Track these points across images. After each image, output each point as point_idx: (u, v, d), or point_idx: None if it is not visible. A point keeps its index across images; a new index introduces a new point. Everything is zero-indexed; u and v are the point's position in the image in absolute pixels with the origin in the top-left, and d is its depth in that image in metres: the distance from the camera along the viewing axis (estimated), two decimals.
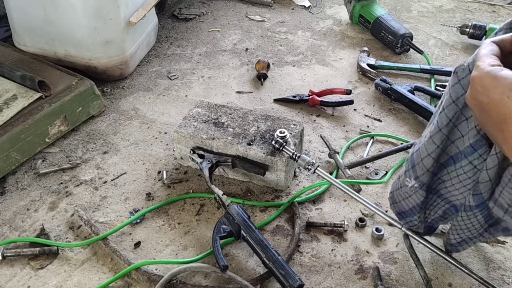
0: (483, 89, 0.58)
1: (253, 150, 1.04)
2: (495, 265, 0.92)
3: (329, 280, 0.90)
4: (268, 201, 1.06)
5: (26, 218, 1.03)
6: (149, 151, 1.20)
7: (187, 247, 0.97)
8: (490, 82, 0.58)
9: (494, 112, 0.58)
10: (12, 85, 1.20)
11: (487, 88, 0.58)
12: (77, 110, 1.23)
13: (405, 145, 1.16)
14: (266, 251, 0.86)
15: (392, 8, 1.80)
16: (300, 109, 1.33)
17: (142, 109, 1.34)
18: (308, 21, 1.75)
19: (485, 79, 0.59)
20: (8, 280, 0.91)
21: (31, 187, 1.10)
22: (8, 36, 1.49)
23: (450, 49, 1.58)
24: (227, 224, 0.93)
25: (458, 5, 1.83)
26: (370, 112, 1.32)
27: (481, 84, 0.59)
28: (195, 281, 0.90)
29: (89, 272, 0.92)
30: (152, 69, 1.50)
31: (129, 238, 0.99)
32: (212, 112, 1.14)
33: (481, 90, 0.59)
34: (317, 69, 1.50)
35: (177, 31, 1.68)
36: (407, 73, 1.46)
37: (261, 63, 1.45)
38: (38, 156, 1.17)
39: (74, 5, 1.27)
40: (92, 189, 1.10)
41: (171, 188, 1.09)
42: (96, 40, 1.32)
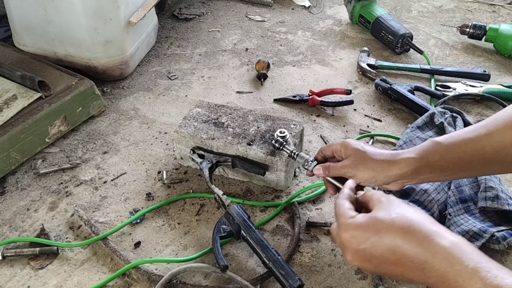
0: (358, 240, 0.62)
1: (253, 150, 1.04)
2: None
3: (329, 280, 0.90)
4: (268, 201, 1.06)
5: (26, 218, 1.03)
6: (149, 151, 1.20)
7: (187, 247, 0.97)
8: (360, 231, 0.62)
9: (380, 250, 0.60)
10: (12, 85, 1.20)
11: (361, 237, 0.61)
12: (77, 110, 1.23)
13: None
14: (266, 251, 0.86)
15: (392, 8, 1.80)
16: (300, 109, 1.33)
17: (142, 109, 1.34)
18: (308, 21, 1.75)
19: (354, 232, 0.62)
20: (8, 280, 0.91)
21: (31, 187, 1.10)
22: (8, 36, 1.49)
23: (450, 49, 1.58)
24: (227, 224, 0.93)
25: (458, 5, 1.83)
26: (370, 112, 1.32)
27: (354, 237, 0.62)
28: (195, 281, 0.90)
29: (89, 272, 0.92)
30: (152, 69, 1.50)
31: (129, 238, 0.99)
32: (212, 112, 1.14)
33: (357, 242, 0.62)
34: (317, 69, 1.50)
35: (177, 31, 1.68)
36: (407, 73, 1.46)
37: (261, 63, 1.45)
38: (38, 156, 1.17)
39: (74, 5, 1.27)
40: (92, 189, 1.10)
41: (171, 188, 1.09)
42: (96, 40, 1.32)
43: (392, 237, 0.59)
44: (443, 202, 1.00)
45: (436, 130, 1.15)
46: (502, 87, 1.35)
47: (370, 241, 0.60)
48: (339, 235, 0.64)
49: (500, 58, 1.53)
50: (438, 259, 0.55)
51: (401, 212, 0.61)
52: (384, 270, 0.61)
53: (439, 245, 0.56)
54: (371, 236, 0.60)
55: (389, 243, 0.59)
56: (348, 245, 0.63)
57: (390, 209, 0.62)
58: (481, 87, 1.35)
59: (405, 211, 0.61)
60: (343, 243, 0.63)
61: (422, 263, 0.57)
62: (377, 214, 0.62)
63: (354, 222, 0.63)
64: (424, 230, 0.58)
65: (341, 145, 0.87)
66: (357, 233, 0.62)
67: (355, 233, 0.62)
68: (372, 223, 0.61)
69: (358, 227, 0.62)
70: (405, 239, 0.58)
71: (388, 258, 0.59)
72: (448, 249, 0.55)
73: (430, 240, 0.57)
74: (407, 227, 0.58)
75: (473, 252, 0.55)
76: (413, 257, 0.57)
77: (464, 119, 1.16)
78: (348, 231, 0.63)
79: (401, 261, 0.58)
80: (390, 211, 0.61)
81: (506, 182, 1.07)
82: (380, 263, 0.61)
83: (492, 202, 0.96)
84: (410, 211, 0.61)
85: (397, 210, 0.61)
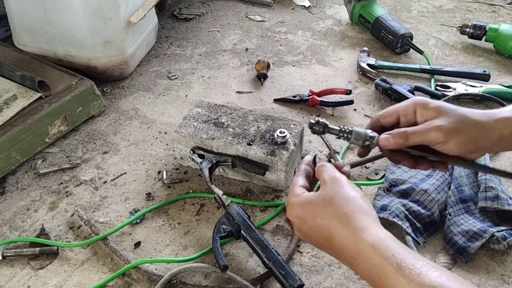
0: (300, 220, 0.62)
1: (253, 150, 1.04)
2: (495, 264, 0.92)
3: (329, 280, 0.90)
4: (268, 201, 1.06)
5: (26, 218, 1.03)
6: (149, 151, 1.20)
7: (187, 247, 0.97)
8: (301, 212, 0.62)
9: (316, 235, 0.61)
10: (12, 85, 1.20)
11: (301, 218, 0.62)
12: (77, 110, 1.23)
13: None
14: (266, 251, 0.86)
15: (392, 8, 1.80)
16: (300, 109, 1.33)
17: (142, 109, 1.34)
18: (308, 21, 1.75)
19: (296, 211, 0.63)
20: (8, 280, 0.91)
21: (31, 187, 1.10)
22: (8, 36, 1.49)
23: (450, 49, 1.58)
24: (227, 224, 0.93)
25: (458, 5, 1.83)
26: (370, 112, 1.32)
27: (297, 216, 0.63)
28: (195, 281, 0.90)
29: (89, 272, 0.92)
30: (152, 69, 1.50)
31: (129, 238, 0.99)
32: (212, 112, 1.14)
33: (299, 222, 0.63)
34: (317, 69, 1.50)
35: (177, 31, 1.68)
36: (407, 73, 1.46)
37: (261, 63, 1.45)
38: (38, 156, 1.17)
39: (74, 5, 1.27)
40: (92, 189, 1.10)
41: (171, 188, 1.09)
42: (96, 40, 1.32)
43: (325, 226, 0.59)
44: (443, 202, 1.00)
45: None
46: (502, 87, 1.35)
47: (308, 224, 0.61)
48: (287, 211, 0.66)
49: (500, 58, 1.53)
50: (362, 256, 0.55)
51: (336, 199, 0.60)
52: (324, 251, 0.62)
53: (363, 242, 0.56)
54: (309, 220, 0.61)
55: (323, 230, 0.60)
56: (293, 223, 0.65)
57: (328, 193, 0.61)
58: (481, 87, 1.35)
59: (339, 198, 0.60)
60: (290, 220, 0.65)
61: (349, 258, 0.57)
62: (315, 198, 0.62)
63: (297, 201, 0.63)
64: (351, 224, 0.58)
65: (415, 104, 0.69)
66: (298, 212, 0.63)
67: (297, 212, 0.63)
68: (310, 207, 0.61)
69: (299, 206, 0.63)
70: (336, 230, 0.58)
71: (324, 243, 0.61)
72: (372, 247, 0.55)
73: (356, 236, 0.57)
74: (337, 218, 0.59)
75: (397, 249, 0.54)
76: (342, 249, 0.58)
77: None
78: (292, 209, 0.64)
79: (334, 250, 0.59)
80: (328, 196, 0.61)
81: (506, 182, 1.07)
82: (320, 245, 0.62)
83: (492, 202, 0.96)
84: (344, 199, 0.60)
85: (333, 196, 0.61)
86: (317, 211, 0.60)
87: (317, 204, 0.61)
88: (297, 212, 0.63)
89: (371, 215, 0.59)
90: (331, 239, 0.59)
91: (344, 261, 0.59)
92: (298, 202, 0.63)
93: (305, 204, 0.62)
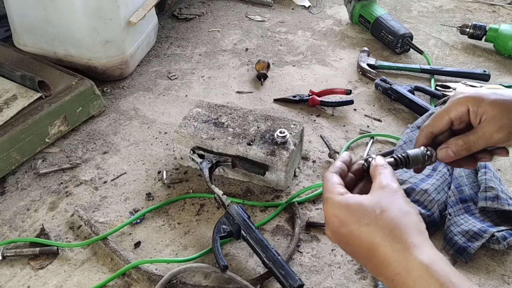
0: (340, 221, 0.56)
1: (253, 150, 1.04)
2: (495, 264, 0.92)
3: (329, 280, 0.90)
4: (268, 201, 1.06)
5: (26, 218, 1.03)
6: (149, 151, 1.20)
7: (187, 247, 0.97)
8: (344, 213, 0.56)
9: (357, 242, 0.55)
10: (12, 85, 1.20)
11: (343, 220, 0.56)
12: (77, 110, 1.23)
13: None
14: (266, 251, 0.86)
15: (392, 8, 1.80)
16: (300, 109, 1.33)
17: (142, 109, 1.34)
18: (308, 21, 1.75)
19: (338, 211, 0.57)
20: (8, 280, 0.91)
21: (31, 187, 1.10)
22: (8, 36, 1.49)
23: (450, 49, 1.58)
24: (227, 224, 0.93)
25: (458, 5, 1.83)
26: (370, 112, 1.32)
27: (337, 217, 0.57)
28: (195, 281, 0.90)
29: (89, 272, 0.92)
30: (152, 69, 1.50)
31: (129, 238, 0.99)
32: (212, 112, 1.14)
33: (338, 223, 0.57)
34: (317, 69, 1.50)
35: (177, 31, 1.68)
36: (407, 73, 1.46)
37: (261, 63, 1.45)
38: (38, 156, 1.17)
39: (74, 5, 1.27)
40: (92, 189, 1.10)
41: (171, 188, 1.09)
42: (96, 40, 1.32)
43: (371, 234, 0.54)
44: (443, 202, 1.00)
45: None
46: (502, 87, 1.35)
47: (349, 228, 0.55)
48: (324, 209, 0.59)
49: (500, 58, 1.53)
50: (412, 275, 0.50)
51: (391, 209, 0.54)
52: (358, 260, 0.58)
53: (416, 260, 0.51)
54: (352, 224, 0.55)
55: (367, 239, 0.54)
56: (330, 223, 0.58)
57: (382, 201, 0.55)
58: (481, 87, 1.35)
59: (395, 209, 0.54)
60: (326, 218, 0.59)
61: (394, 274, 0.52)
62: (366, 202, 0.56)
63: (341, 201, 0.57)
64: (405, 240, 0.52)
65: (466, 102, 0.63)
66: (341, 213, 0.56)
67: (339, 213, 0.56)
68: (357, 210, 0.55)
69: (344, 207, 0.56)
70: (383, 242, 0.53)
71: (363, 253, 0.55)
72: (426, 268, 0.50)
73: (408, 253, 0.51)
74: (388, 230, 0.53)
75: (455, 275, 0.50)
76: (386, 263, 0.52)
77: None
78: (333, 208, 0.57)
79: (374, 262, 0.54)
80: (382, 203, 0.55)
81: (506, 182, 1.07)
82: (355, 253, 0.57)
83: (492, 202, 0.96)
84: (400, 211, 0.55)
85: (388, 205, 0.55)
86: (366, 216, 0.54)
87: (367, 209, 0.55)
88: (339, 212, 0.56)
89: (425, 234, 0.54)
90: (375, 250, 0.53)
91: (384, 275, 0.53)
92: (344, 202, 0.57)
93: (352, 206, 0.56)
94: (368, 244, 0.54)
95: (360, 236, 0.54)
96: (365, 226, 0.54)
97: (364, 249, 0.55)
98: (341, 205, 0.57)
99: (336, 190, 0.59)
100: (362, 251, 0.55)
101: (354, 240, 0.55)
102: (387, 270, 0.53)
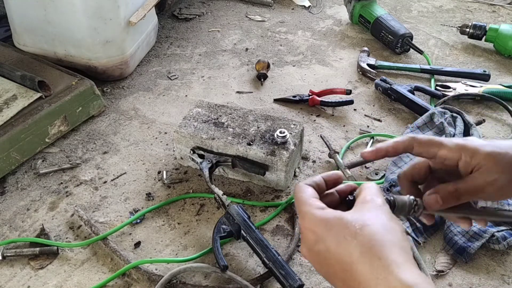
0: (317, 237, 0.52)
1: (253, 150, 1.04)
2: (495, 264, 0.92)
3: None
4: (268, 201, 1.06)
5: (26, 218, 1.03)
6: (149, 151, 1.20)
7: (187, 247, 0.97)
8: (322, 228, 0.51)
9: (333, 260, 0.50)
10: (12, 85, 1.20)
11: (320, 236, 0.51)
12: (77, 110, 1.23)
13: None
14: (266, 251, 0.86)
15: (392, 8, 1.80)
16: (300, 109, 1.33)
17: (142, 109, 1.34)
18: (308, 21, 1.75)
19: (316, 227, 0.52)
20: (8, 280, 0.91)
21: (31, 187, 1.10)
22: (8, 36, 1.49)
23: (450, 49, 1.58)
24: (227, 224, 0.93)
25: (458, 5, 1.83)
26: (370, 112, 1.32)
27: (314, 232, 0.52)
28: (195, 281, 0.90)
29: (89, 272, 0.92)
30: (152, 69, 1.50)
31: (129, 238, 0.99)
32: (212, 112, 1.14)
33: (315, 240, 0.52)
34: (317, 69, 1.50)
35: (177, 31, 1.68)
36: (407, 73, 1.46)
37: (261, 63, 1.45)
38: (38, 156, 1.17)
39: (74, 5, 1.27)
40: (92, 189, 1.10)
41: (171, 188, 1.09)
42: (96, 40, 1.32)
43: (349, 250, 0.49)
44: None
45: (436, 130, 1.15)
46: (502, 87, 1.35)
47: (326, 244, 0.51)
48: (301, 224, 0.54)
49: (500, 58, 1.53)
50: None
51: (372, 224, 0.50)
52: (333, 282, 0.52)
53: (397, 279, 0.45)
54: (329, 239, 0.51)
55: (344, 255, 0.49)
56: (306, 239, 0.53)
57: (364, 215, 0.51)
58: (481, 87, 1.35)
59: (377, 224, 0.50)
60: (303, 235, 0.54)
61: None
62: (347, 217, 0.51)
63: (321, 216, 0.52)
64: (385, 257, 0.47)
65: (460, 151, 0.59)
66: (319, 229, 0.51)
67: (317, 229, 0.52)
68: (336, 225, 0.51)
69: (322, 222, 0.52)
70: (362, 259, 0.48)
71: (338, 272, 0.50)
72: (409, 287, 0.45)
73: (388, 271, 0.46)
74: (368, 246, 0.48)
75: None
76: (364, 283, 0.47)
77: (464, 119, 1.16)
78: (310, 223, 0.52)
79: (350, 283, 0.49)
80: (363, 218, 0.51)
81: None
82: (330, 273, 0.52)
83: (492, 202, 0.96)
84: (382, 226, 0.50)
85: (370, 220, 0.50)
86: (345, 231, 0.50)
87: (347, 224, 0.50)
88: (317, 227, 0.52)
89: (410, 254, 0.49)
90: (353, 268, 0.49)
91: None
92: (324, 216, 0.52)
93: (331, 220, 0.51)
94: (345, 261, 0.49)
95: (337, 252, 0.50)
96: (343, 241, 0.50)
97: (338, 267, 0.50)
98: (320, 220, 0.52)
99: (315, 204, 0.54)
100: (338, 270, 0.50)
101: (331, 258, 0.50)
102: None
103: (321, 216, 0.52)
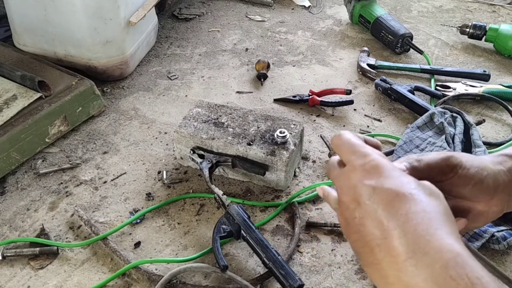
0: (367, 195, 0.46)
1: (253, 150, 1.04)
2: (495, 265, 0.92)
3: (329, 280, 0.90)
4: (268, 201, 1.06)
5: (26, 218, 1.03)
6: (149, 151, 1.20)
7: (187, 247, 0.97)
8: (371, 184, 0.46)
9: (368, 228, 0.45)
10: (12, 85, 1.20)
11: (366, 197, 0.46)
12: (77, 110, 1.23)
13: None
14: (266, 251, 0.86)
15: (392, 8, 1.80)
16: (300, 109, 1.33)
17: (142, 109, 1.34)
18: (308, 21, 1.75)
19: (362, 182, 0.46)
20: (8, 280, 0.91)
21: (31, 187, 1.10)
22: (8, 36, 1.49)
23: (450, 49, 1.58)
24: (227, 224, 0.93)
25: (458, 5, 1.83)
26: (370, 112, 1.32)
27: (360, 186, 0.47)
28: (195, 281, 0.90)
29: (89, 272, 0.92)
30: (152, 69, 1.50)
31: (129, 238, 0.99)
32: (212, 112, 1.14)
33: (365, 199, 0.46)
34: (317, 69, 1.50)
35: (177, 31, 1.68)
36: (407, 73, 1.46)
37: (261, 63, 1.45)
38: (38, 156, 1.17)
39: (74, 5, 1.27)
40: (92, 189, 1.10)
41: (171, 188, 1.09)
42: (96, 40, 1.32)
43: (396, 211, 0.43)
44: None
45: (436, 130, 1.15)
46: (502, 87, 1.35)
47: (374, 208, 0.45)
48: (349, 178, 0.48)
49: (500, 58, 1.53)
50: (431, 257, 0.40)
51: (423, 188, 0.45)
52: (368, 245, 0.45)
53: (443, 245, 0.41)
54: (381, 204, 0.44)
55: (382, 219, 0.44)
56: (359, 193, 0.46)
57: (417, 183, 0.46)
58: (481, 87, 1.35)
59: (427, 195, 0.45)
60: (356, 189, 0.47)
61: (410, 256, 0.41)
62: (408, 179, 0.46)
63: (392, 166, 0.47)
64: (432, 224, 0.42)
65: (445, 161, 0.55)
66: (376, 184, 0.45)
67: (373, 183, 0.45)
68: (400, 185, 0.45)
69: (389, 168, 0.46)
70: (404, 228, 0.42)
71: (376, 236, 0.44)
72: (455, 256, 0.40)
73: (436, 239, 0.41)
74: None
75: (480, 271, 0.40)
76: (403, 247, 0.42)
77: (464, 119, 1.16)
78: (367, 175, 0.46)
79: (381, 245, 0.43)
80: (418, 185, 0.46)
81: None
82: (364, 237, 0.45)
83: None
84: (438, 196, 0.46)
85: (423, 186, 0.46)
86: (403, 191, 0.44)
87: (405, 184, 0.45)
88: (370, 182, 0.46)
89: (451, 220, 0.45)
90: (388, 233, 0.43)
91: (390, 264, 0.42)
92: (392, 165, 0.47)
93: (396, 177, 0.46)
94: (384, 223, 0.43)
95: (376, 214, 0.44)
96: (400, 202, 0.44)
97: (378, 230, 0.44)
98: (392, 168, 0.47)
99: (372, 152, 0.49)
100: (376, 232, 0.44)
101: (370, 221, 0.45)
102: (399, 256, 0.42)
103: (392, 166, 0.47)
